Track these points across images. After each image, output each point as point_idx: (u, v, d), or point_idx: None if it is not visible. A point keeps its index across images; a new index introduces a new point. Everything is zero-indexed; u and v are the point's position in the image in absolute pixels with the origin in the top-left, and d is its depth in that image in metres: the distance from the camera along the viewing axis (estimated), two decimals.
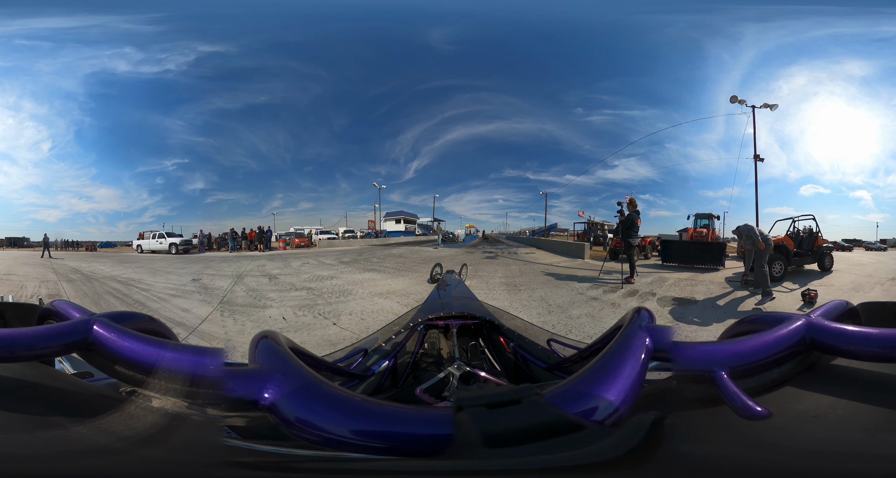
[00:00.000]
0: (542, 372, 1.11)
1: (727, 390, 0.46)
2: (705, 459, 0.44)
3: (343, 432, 0.44)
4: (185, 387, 0.49)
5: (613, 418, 0.46)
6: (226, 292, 8.02)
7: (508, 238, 35.67)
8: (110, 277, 10.23)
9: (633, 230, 8.79)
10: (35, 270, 11.63)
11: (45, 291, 8.17)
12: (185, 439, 0.48)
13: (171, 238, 20.08)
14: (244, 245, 20.78)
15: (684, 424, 0.50)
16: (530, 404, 0.44)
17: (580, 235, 25.71)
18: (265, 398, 0.47)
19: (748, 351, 0.53)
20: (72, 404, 0.52)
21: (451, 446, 0.42)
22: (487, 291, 7.49)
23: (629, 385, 0.48)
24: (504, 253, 17.01)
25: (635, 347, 0.53)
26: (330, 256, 15.45)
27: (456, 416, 0.43)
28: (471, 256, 15.47)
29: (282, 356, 0.54)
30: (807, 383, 0.54)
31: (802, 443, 0.44)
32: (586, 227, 25.93)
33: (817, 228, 10.45)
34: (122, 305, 6.91)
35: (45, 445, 0.42)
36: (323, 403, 0.46)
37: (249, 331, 5.28)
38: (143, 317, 0.65)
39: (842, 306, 0.71)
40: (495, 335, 1.39)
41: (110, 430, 0.45)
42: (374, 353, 1.20)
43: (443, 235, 29.77)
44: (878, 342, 0.52)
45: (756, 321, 0.66)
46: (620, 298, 7.03)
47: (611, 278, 8.85)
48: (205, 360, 0.50)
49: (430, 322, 1.39)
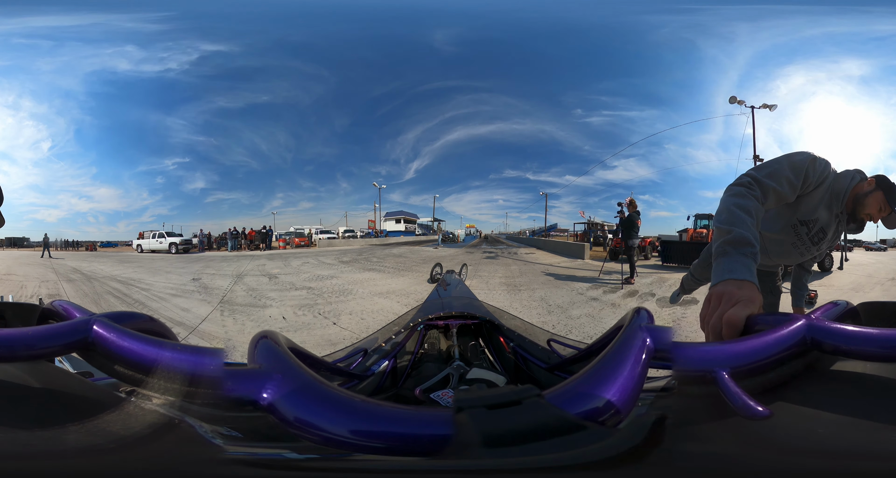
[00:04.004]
0: (543, 372, 1.11)
1: (728, 391, 0.46)
2: (706, 458, 0.44)
3: (342, 432, 0.44)
4: (185, 387, 0.49)
5: (614, 418, 0.46)
6: (226, 292, 8.03)
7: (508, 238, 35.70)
8: (110, 277, 10.24)
9: (633, 231, 8.80)
10: (35, 270, 11.63)
11: (45, 291, 8.18)
12: (184, 439, 0.48)
13: (171, 238, 20.09)
14: (244, 244, 20.79)
15: (685, 424, 0.50)
16: (531, 404, 0.44)
17: (580, 235, 25.73)
18: (264, 398, 0.47)
19: (749, 351, 0.53)
20: (71, 403, 0.52)
21: (451, 446, 0.42)
22: (487, 292, 7.49)
23: (630, 385, 0.48)
24: (504, 253, 17.02)
25: (636, 347, 0.53)
26: (330, 256, 15.46)
27: (456, 416, 0.43)
28: (471, 256, 15.48)
29: (281, 356, 0.54)
30: (807, 383, 0.54)
31: (803, 443, 0.44)
32: (586, 227, 25.96)
33: None
34: (122, 305, 6.92)
35: (44, 444, 0.42)
36: (322, 403, 0.46)
37: (249, 331, 5.28)
38: (143, 317, 0.65)
39: (842, 307, 0.71)
40: (495, 335, 1.39)
41: (110, 429, 0.45)
42: (373, 353, 1.20)
43: (443, 235, 29.79)
44: (879, 342, 0.52)
45: (756, 321, 0.66)
46: (620, 299, 7.03)
47: (611, 279, 8.85)
48: (204, 360, 0.50)
49: (430, 322, 1.40)
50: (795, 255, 1.98)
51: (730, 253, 1.03)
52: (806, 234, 1.86)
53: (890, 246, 31.62)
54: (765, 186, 1.43)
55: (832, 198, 1.74)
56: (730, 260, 1.00)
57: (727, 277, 0.91)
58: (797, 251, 1.95)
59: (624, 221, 9.06)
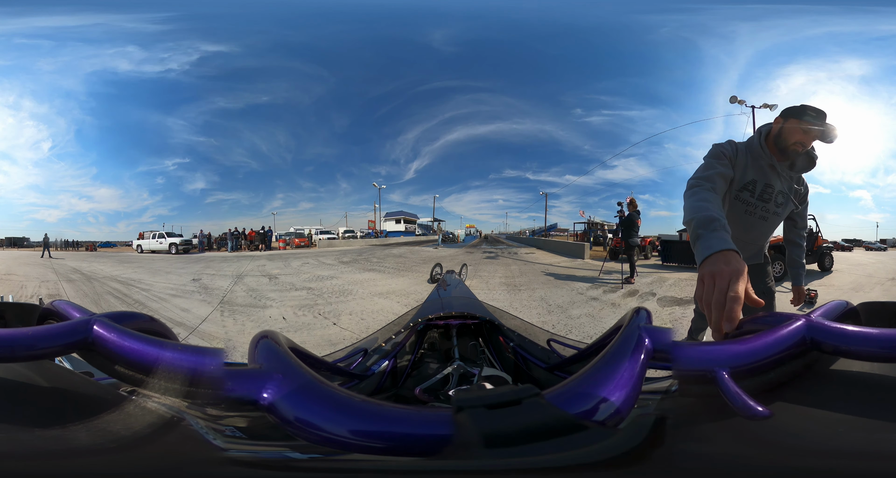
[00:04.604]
0: (543, 372, 1.11)
1: (728, 391, 0.46)
2: (706, 458, 0.44)
3: (342, 432, 0.44)
4: (185, 387, 0.49)
5: (614, 418, 0.46)
6: (226, 292, 8.03)
7: (508, 238, 35.70)
8: (110, 277, 10.24)
9: (633, 230, 8.81)
10: (35, 270, 11.63)
11: (45, 291, 8.18)
12: (184, 439, 0.48)
13: (171, 238, 20.08)
14: (244, 245, 20.79)
15: (685, 424, 0.50)
16: (530, 404, 0.44)
17: (580, 235, 25.73)
18: (264, 398, 0.47)
19: (748, 351, 0.53)
20: (72, 403, 0.52)
21: (451, 446, 0.42)
22: (487, 291, 7.50)
23: (630, 385, 0.48)
24: (504, 253, 17.02)
25: (636, 347, 0.53)
26: (330, 256, 15.46)
27: (456, 416, 0.43)
28: (471, 256, 15.48)
29: (281, 356, 0.54)
30: (807, 383, 0.54)
31: (803, 443, 0.44)
32: (586, 227, 25.96)
33: (817, 228, 10.46)
34: (122, 305, 6.92)
35: (44, 444, 0.42)
36: (322, 402, 0.46)
37: (249, 331, 5.28)
38: (143, 317, 0.65)
39: (842, 306, 0.71)
40: (495, 335, 1.39)
41: (110, 429, 0.45)
42: (373, 353, 1.20)
43: (443, 236, 29.79)
44: (879, 342, 0.52)
45: (756, 321, 0.66)
46: (620, 299, 7.03)
47: (611, 278, 8.85)
48: (204, 360, 0.50)
49: (430, 322, 1.40)
50: (757, 222, 2.02)
51: (703, 235, 1.11)
52: (750, 196, 1.95)
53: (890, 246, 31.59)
54: (706, 177, 1.65)
55: (754, 156, 1.92)
56: (705, 239, 1.06)
57: (708, 253, 0.96)
58: (756, 217, 2.00)
59: (624, 221, 9.06)
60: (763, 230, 2.08)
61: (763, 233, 2.11)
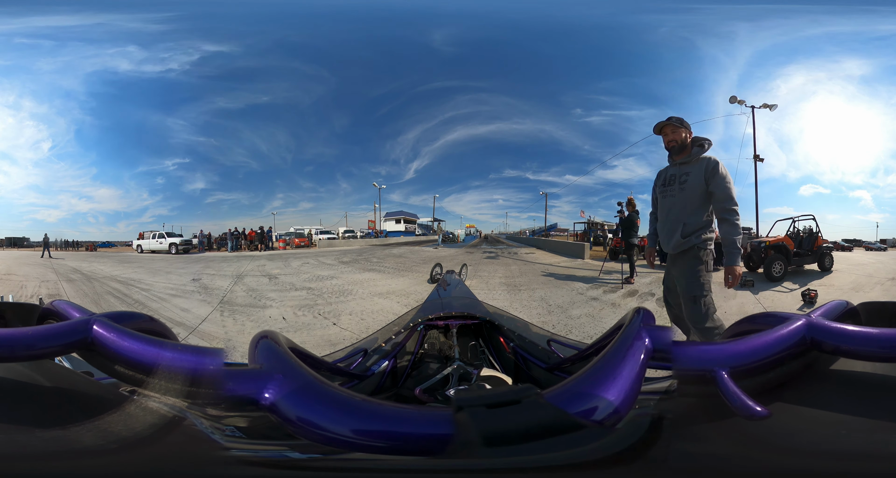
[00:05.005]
0: (543, 372, 1.11)
1: (727, 390, 0.46)
2: (704, 458, 0.44)
3: (343, 432, 0.44)
4: (185, 387, 0.49)
5: (613, 417, 0.46)
6: (226, 292, 8.03)
7: (508, 238, 35.67)
8: (110, 277, 10.23)
9: (633, 230, 8.80)
10: (35, 270, 11.63)
11: (45, 291, 8.18)
12: (185, 439, 0.48)
13: (170, 238, 20.06)
14: (244, 245, 20.79)
15: (684, 423, 0.50)
16: (530, 403, 0.44)
17: (580, 235, 25.72)
18: (265, 398, 0.47)
19: (748, 351, 0.53)
20: (72, 404, 0.52)
21: (451, 446, 0.42)
22: (487, 292, 7.49)
23: (629, 385, 0.48)
24: (504, 253, 17.01)
25: (635, 347, 0.53)
26: (330, 256, 15.46)
27: (456, 416, 0.43)
28: (471, 256, 15.47)
29: (282, 356, 0.54)
30: (807, 383, 0.54)
31: (802, 443, 0.44)
32: (586, 227, 25.95)
33: (817, 228, 10.44)
34: (122, 305, 6.91)
35: (45, 445, 0.42)
36: (324, 402, 0.46)
37: (249, 331, 5.28)
38: (143, 317, 0.65)
39: (842, 306, 0.71)
40: (495, 335, 1.40)
41: (110, 430, 0.45)
42: (373, 353, 1.20)
43: (443, 236, 29.78)
44: (879, 342, 0.52)
45: (756, 321, 0.66)
46: (620, 299, 7.03)
47: (611, 278, 8.85)
48: (205, 360, 0.50)
49: (431, 322, 1.40)
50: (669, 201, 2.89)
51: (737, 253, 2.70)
52: (661, 185, 2.98)
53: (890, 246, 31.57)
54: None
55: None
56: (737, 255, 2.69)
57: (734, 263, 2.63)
58: (670, 200, 2.89)
59: (624, 221, 9.05)
60: (675, 207, 2.84)
61: (677, 208, 2.83)
